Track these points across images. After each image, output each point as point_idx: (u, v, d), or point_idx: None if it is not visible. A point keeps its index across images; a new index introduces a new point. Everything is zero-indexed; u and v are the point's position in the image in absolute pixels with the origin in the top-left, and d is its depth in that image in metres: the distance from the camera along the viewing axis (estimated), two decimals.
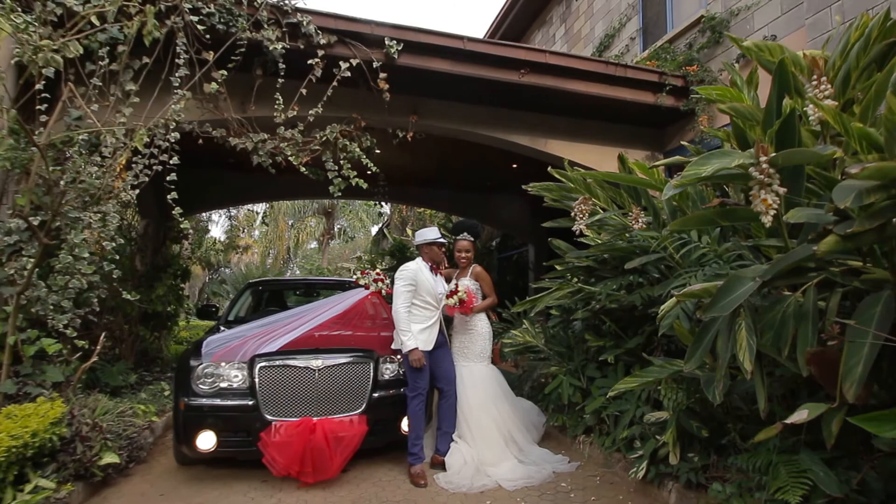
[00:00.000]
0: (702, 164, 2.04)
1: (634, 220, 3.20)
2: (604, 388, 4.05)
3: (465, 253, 4.31)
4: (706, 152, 2.10)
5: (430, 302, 3.99)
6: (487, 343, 4.24)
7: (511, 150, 6.70)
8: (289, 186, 9.27)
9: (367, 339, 4.07)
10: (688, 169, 2.05)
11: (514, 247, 12.24)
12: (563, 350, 4.64)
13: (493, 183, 10.05)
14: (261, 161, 5.19)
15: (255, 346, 3.81)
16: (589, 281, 4.38)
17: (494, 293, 4.35)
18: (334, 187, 5.48)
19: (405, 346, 3.81)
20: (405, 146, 7.16)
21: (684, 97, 6.15)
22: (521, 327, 5.64)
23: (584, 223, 3.46)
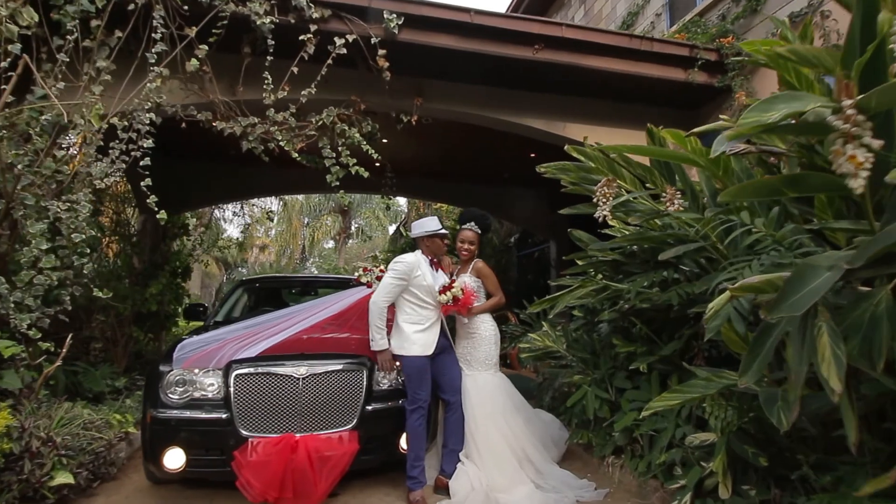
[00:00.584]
0: (765, 108, 1.51)
1: (669, 202, 2.64)
2: (636, 401, 3.49)
3: (468, 245, 3.80)
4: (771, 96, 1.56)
5: (427, 301, 3.50)
6: (493, 348, 3.71)
7: (526, 136, 6.15)
8: (291, 180, 8.85)
9: (363, 343, 3.57)
10: (747, 115, 1.52)
11: (533, 244, 11.66)
12: (588, 356, 4.08)
13: (510, 175, 9.50)
14: (251, 147, 4.75)
15: (233, 351, 3.35)
16: (615, 277, 3.83)
17: (501, 292, 3.83)
18: (331, 176, 5.00)
19: (375, 345, 3.38)
20: (411, 133, 6.67)
21: (718, 73, 5.53)
22: (540, 330, 5.10)
23: (607, 209, 2.92)
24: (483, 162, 8.78)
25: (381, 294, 3.45)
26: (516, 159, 8.54)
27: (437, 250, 3.64)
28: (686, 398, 2.28)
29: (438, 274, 3.63)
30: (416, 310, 3.48)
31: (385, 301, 3.44)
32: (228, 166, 8.89)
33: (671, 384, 3.40)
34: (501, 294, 3.81)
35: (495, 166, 9.06)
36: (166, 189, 8.87)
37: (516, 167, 9.06)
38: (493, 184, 10.00)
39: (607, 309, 4.07)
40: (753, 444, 2.59)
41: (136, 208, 8.57)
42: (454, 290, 3.48)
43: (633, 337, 3.85)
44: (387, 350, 3.43)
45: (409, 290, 3.49)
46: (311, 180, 7.84)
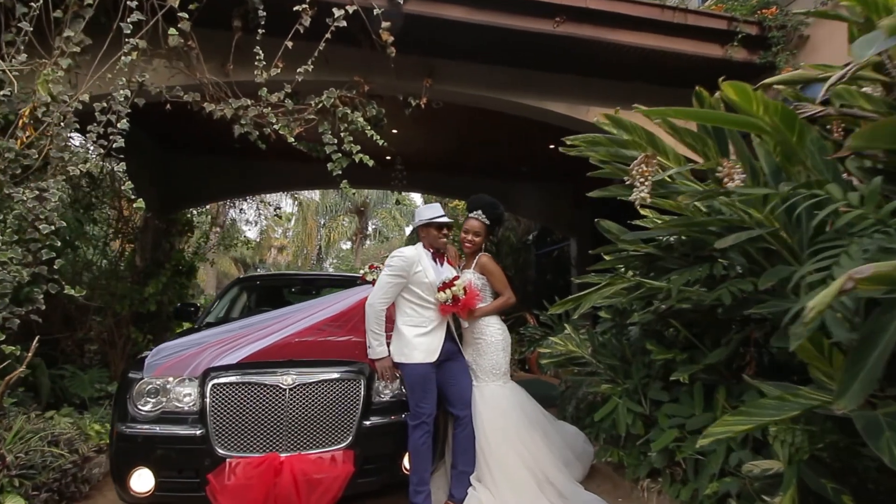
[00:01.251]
0: None
1: (727, 177, 2.15)
2: (675, 417, 2.99)
3: (471, 236, 3.31)
4: None
5: (430, 300, 3.07)
6: (500, 356, 3.23)
7: (545, 123, 5.67)
8: (299, 174, 8.48)
9: (363, 347, 3.13)
10: None
11: (552, 241, 11.14)
12: (617, 363, 3.59)
13: (528, 168, 9.00)
14: (244, 133, 4.34)
15: (212, 357, 2.93)
16: (648, 274, 3.35)
17: (509, 291, 3.34)
18: (333, 164, 4.58)
19: (373, 352, 2.97)
20: (421, 122, 6.26)
21: (760, 48, 4.99)
22: (561, 333, 4.62)
23: (645, 190, 2.44)
24: (499, 155, 8.30)
25: (377, 294, 3.03)
26: (534, 151, 8.06)
27: (434, 242, 3.20)
28: (757, 423, 1.79)
29: (443, 269, 3.18)
30: (417, 311, 3.04)
31: (382, 302, 3.01)
32: (233, 160, 8.57)
33: (718, 398, 2.90)
34: (510, 293, 3.33)
35: (512, 159, 8.57)
36: (169, 184, 8.61)
37: (534, 160, 8.58)
38: (510, 178, 9.51)
39: (639, 310, 3.59)
40: (830, 477, 2.09)
41: None
42: (455, 288, 3.02)
43: (669, 342, 3.36)
44: (386, 358, 3.00)
45: (408, 289, 3.06)
46: (319, 175, 7.44)
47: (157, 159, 8.27)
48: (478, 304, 3.15)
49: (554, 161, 8.50)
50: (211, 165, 8.63)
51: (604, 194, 2.90)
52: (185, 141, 8.18)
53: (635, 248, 3.32)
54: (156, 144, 8.24)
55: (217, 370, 2.84)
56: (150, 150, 8.08)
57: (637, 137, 2.43)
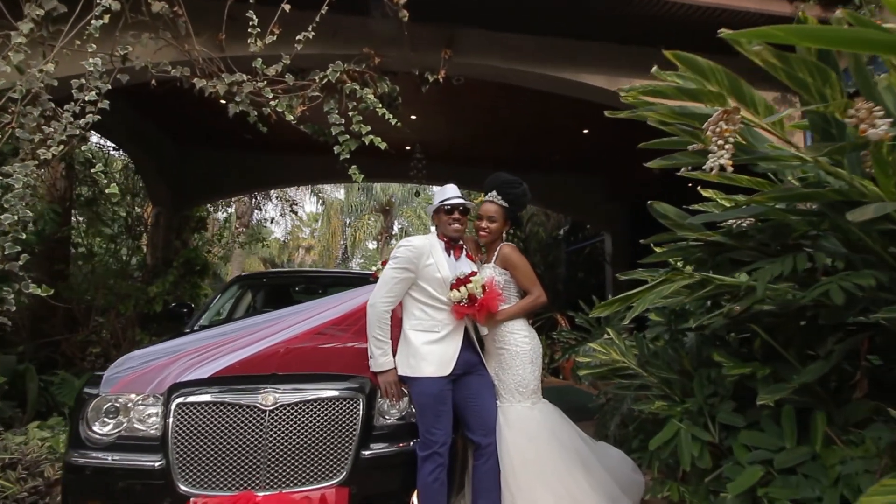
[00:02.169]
0: None
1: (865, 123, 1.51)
2: (760, 449, 2.35)
3: (486, 223, 2.72)
4: None
5: (443, 300, 2.53)
6: (528, 369, 2.62)
7: (580, 101, 5.03)
8: (315, 168, 8.03)
9: (364, 357, 2.58)
10: None
11: (584, 237, 10.45)
12: (674, 377, 2.95)
13: (559, 158, 8.34)
14: (240, 111, 3.85)
15: (181, 370, 2.42)
16: (713, 267, 2.73)
17: (539, 288, 2.72)
18: (340, 147, 4.06)
19: (375, 363, 2.48)
20: (441, 106, 5.72)
21: (837, 3, 4.26)
22: (601, 338, 4.00)
23: (725, 156, 1.82)
24: (526, 143, 7.66)
25: (380, 292, 2.49)
26: (565, 138, 7.42)
27: (447, 230, 2.64)
28: None
29: (460, 263, 2.62)
30: (427, 312, 2.49)
31: (386, 302, 2.47)
32: (247, 154, 8.21)
33: (816, 426, 2.25)
34: (539, 290, 2.71)
35: (540, 148, 7.93)
36: (181, 180, 8.27)
37: (565, 148, 7.93)
38: (539, 169, 8.86)
39: (700, 312, 2.96)
40: None
41: (149, 199, 7.97)
42: (471, 285, 2.45)
43: (740, 352, 2.73)
44: (390, 371, 2.45)
45: (417, 286, 2.52)
46: (335, 169, 7.01)
47: (169, 154, 7.94)
48: (500, 304, 2.56)
49: (587, 149, 7.87)
50: (225, 160, 8.28)
51: (666, 164, 2.28)
52: (197, 135, 7.83)
53: (699, 237, 2.68)
54: (167, 138, 7.91)
55: (183, 387, 2.33)
56: (160, 143, 7.75)
57: (716, 84, 1.81)
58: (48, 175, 6.38)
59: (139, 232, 7.72)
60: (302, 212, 27.89)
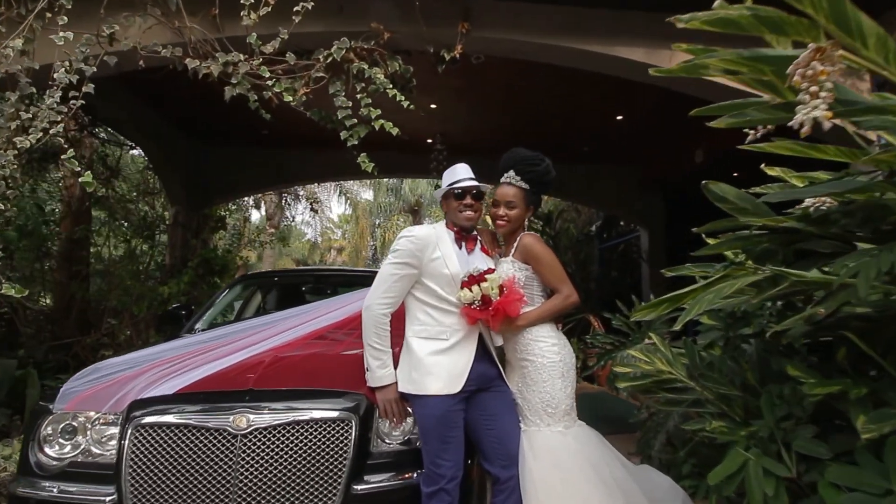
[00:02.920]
0: None
1: None
2: (854, 490, 1.84)
3: (503, 209, 2.24)
4: None
5: (451, 301, 2.10)
6: (559, 385, 2.12)
7: (614, 78, 4.53)
8: (334, 164, 7.70)
9: (357, 368, 2.17)
10: None
11: (619, 233, 9.86)
12: (735, 393, 2.45)
13: (589, 148, 7.80)
14: (238, 94, 3.51)
15: (146, 384, 2.07)
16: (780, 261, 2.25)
17: (569, 285, 2.22)
18: (347, 133, 3.69)
19: (372, 377, 2.08)
20: (461, 93, 5.33)
21: None
22: (641, 344, 3.51)
23: (822, 105, 1.36)
24: (554, 132, 7.13)
25: (377, 292, 2.09)
26: (597, 126, 6.89)
27: (457, 218, 2.21)
28: None
29: (473, 257, 2.19)
30: (433, 316, 2.08)
31: (384, 304, 2.07)
32: (265, 151, 7.98)
33: None
34: (569, 289, 2.21)
35: (570, 137, 7.40)
36: (198, 178, 8.07)
37: (598, 137, 7.39)
38: (568, 160, 8.29)
39: (772, 315, 2.47)
40: None
41: (168, 199, 7.81)
42: (486, 284, 2.02)
43: (822, 364, 2.23)
44: (390, 386, 2.04)
45: (421, 285, 2.11)
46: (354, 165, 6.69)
47: (186, 152, 7.75)
48: (521, 307, 2.11)
49: (621, 137, 7.32)
50: (242, 157, 8.05)
51: (737, 122, 1.78)
52: (215, 132, 7.63)
53: (767, 224, 2.18)
54: (184, 136, 7.72)
55: (144, 405, 1.97)
56: (177, 141, 7.57)
57: (811, 6, 1.33)
58: (65, 173, 6.26)
59: (157, 232, 7.56)
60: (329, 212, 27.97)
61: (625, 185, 8.53)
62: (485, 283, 2.02)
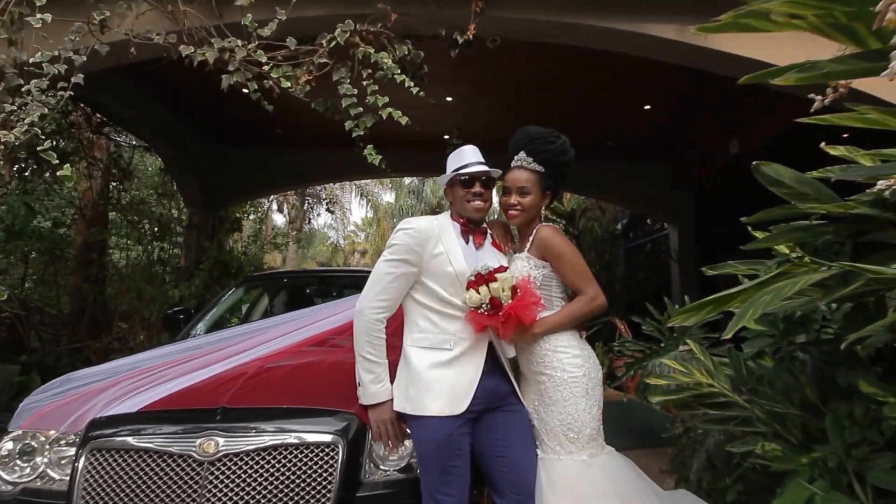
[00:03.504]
0: None
1: None
2: None
3: (517, 196, 1.93)
4: None
5: (456, 304, 1.80)
6: (583, 404, 1.79)
7: (642, 62, 4.19)
8: (349, 163, 7.44)
9: (352, 380, 1.88)
10: None
11: (646, 231, 9.42)
12: (792, 412, 2.10)
13: (615, 142, 7.41)
14: (236, 83, 3.28)
15: (109, 400, 1.83)
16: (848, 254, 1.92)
17: (593, 285, 1.89)
18: (352, 123, 3.43)
19: (364, 393, 1.79)
20: (476, 81, 5.06)
21: None
22: (675, 351, 3.17)
23: None
24: (577, 126, 6.73)
25: (369, 294, 1.81)
26: (624, 118, 6.50)
27: (463, 209, 1.92)
28: None
29: (482, 253, 1.89)
30: (434, 322, 1.79)
31: (378, 308, 1.79)
32: (281, 151, 7.82)
33: None
34: (595, 289, 1.87)
35: (594, 131, 7.01)
36: (214, 178, 7.94)
37: (624, 130, 6.99)
38: (593, 156, 7.92)
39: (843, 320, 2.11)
40: None
41: (182, 201, 7.70)
42: (496, 285, 1.72)
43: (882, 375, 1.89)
44: (385, 404, 1.75)
45: (422, 285, 1.83)
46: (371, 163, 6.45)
47: (200, 152, 7.63)
48: (538, 312, 1.80)
49: (648, 130, 6.91)
50: (257, 157, 7.91)
51: (806, 79, 1.45)
52: (229, 132, 7.50)
53: (833, 210, 1.84)
54: (199, 137, 7.61)
55: (103, 425, 1.72)
56: (190, 141, 7.45)
57: None
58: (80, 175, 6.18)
59: (173, 234, 7.47)
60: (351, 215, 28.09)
61: (652, 180, 8.11)
62: (494, 283, 1.72)
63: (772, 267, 2.18)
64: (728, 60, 3.75)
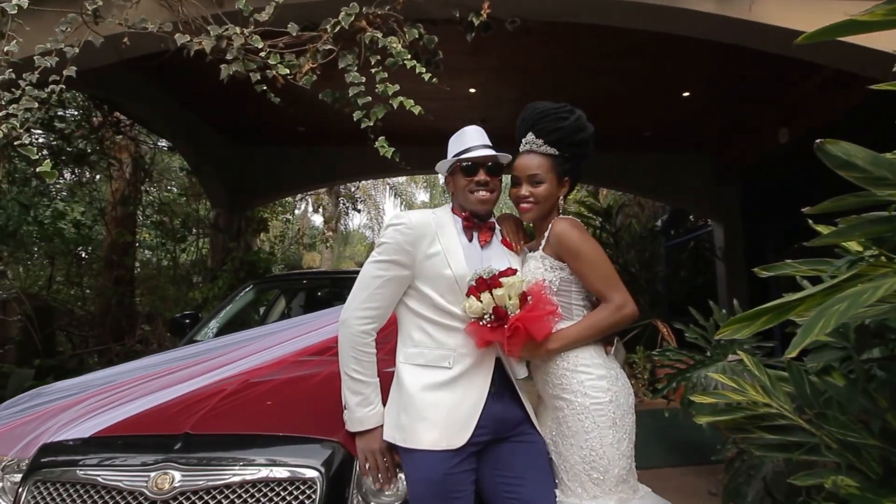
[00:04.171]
0: None
1: None
2: None
3: (528, 186, 1.62)
4: None
5: (455, 313, 1.52)
6: (610, 437, 1.45)
7: (682, 41, 3.79)
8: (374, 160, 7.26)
9: (335, 403, 1.62)
10: None
11: (688, 228, 8.89)
12: (871, 442, 1.72)
13: (652, 132, 6.94)
14: (236, 72, 3.08)
15: (65, 423, 1.62)
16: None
17: (620, 290, 1.56)
18: (360, 114, 3.20)
19: (351, 418, 1.53)
20: (500, 70, 4.79)
21: None
22: (723, 362, 2.80)
23: None
24: (611, 116, 6.29)
25: (354, 302, 1.56)
26: (661, 105, 6.05)
27: (466, 200, 1.62)
28: None
29: (488, 251, 1.60)
30: (430, 335, 1.52)
31: (364, 318, 1.53)
32: (305, 149, 7.71)
33: None
34: (623, 295, 1.55)
35: (629, 121, 6.56)
36: (239, 179, 7.87)
37: (661, 119, 6.52)
38: (629, 149, 7.46)
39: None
40: None
41: (208, 201, 7.67)
42: (501, 291, 1.42)
43: None
44: (374, 432, 1.48)
45: (415, 291, 1.56)
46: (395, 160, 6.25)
47: (225, 153, 7.58)
48: (553, 324, 1.49)
49: (688, 118, 6.42)
50: (281, 156, 7.81)
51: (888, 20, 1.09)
52: (253, 132, 7.42)
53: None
54: (223, 137, 7.56)
55: (52, 451, 1.51)
56: (214, 141, 7.40)
57: None
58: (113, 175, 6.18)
59: (200, 235, 7.45)
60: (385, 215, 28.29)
61: (694, 173, 7.59)
62: (499, 289, 1.42)
63: (841, 268, 1.82)
64: (776, 35, 3.33)
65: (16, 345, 4.69)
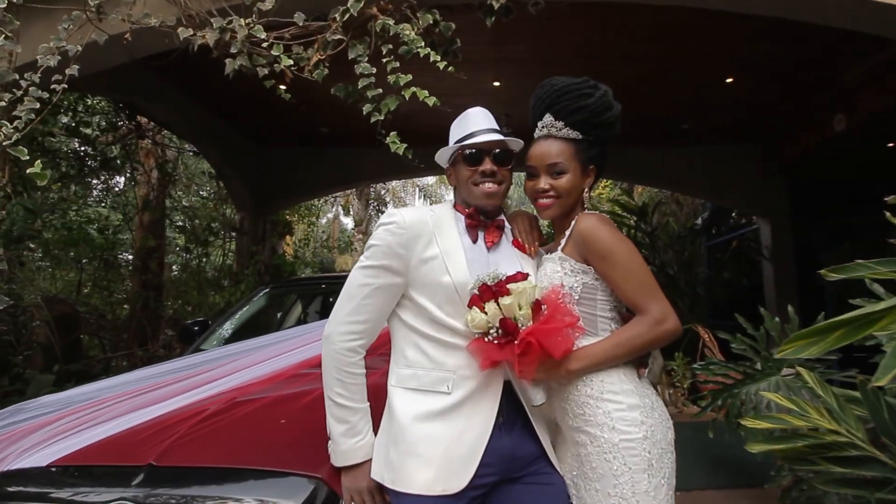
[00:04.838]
0: None
1: None
2: None
3: (548, 179, 1.36)
4: None
5: (457, 328, 1.27)
6: (644, 482, 1.16)
7: (724, 17, 3.46)
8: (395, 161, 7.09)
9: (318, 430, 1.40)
10: None
11: (731, 226, 8.39)
12: None
13: (692, 123, 6.51)
14: (241, 66, 2.93)
15: (28, 447, 1.46)
16: None
17: (661, 299, 1.27)
18: (371, 107, 3.00)
19: (336, 451, 1.30)
20: (525, 61, 4.56)
21: None
22: (778, 376, 2.48)
23: None
24: (646, 107, 5.92)
25: (339, 314, 1.35)
26: (701, 93, 5.65)
27: (470, 195, 1.39)
28: None
29: (496, 253, 1.37)
30: (426, 353, 1.30)
31: (350, 333, 1.32)
32: (328, 151, 7.61)
33: None
34: (661, 305, 1.27)
35: (666, 112, 6.17)
36: (263, 182, 7.84)
37: (702, 109, 6.10)
38: (665, 142, 7.05)
39: None
40: None
41: (233, 204, 7.65)
42: (509, 300, 1.18)
43: None
44: (362, 467, 1.26)
45: (409, 301, 1.34)
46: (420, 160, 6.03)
47: (247, 155, 7.55)
48: (575, 338, 1.24)
49: (731, 106, 5.98)
50: (304, 158, 7.74)
51: None
52: (276, 134, 7.37)
53: None
54: (246, 140, 7.53)
55: (6, 481, 1.34)
56: (237, 144, 7.38)
57: None
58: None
59: (225, 239, 7.44)
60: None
61: (737, 167, 7.10)
62: (507, 297, 1.18)
63: None
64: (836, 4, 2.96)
65: (41, 350, 4.69)
